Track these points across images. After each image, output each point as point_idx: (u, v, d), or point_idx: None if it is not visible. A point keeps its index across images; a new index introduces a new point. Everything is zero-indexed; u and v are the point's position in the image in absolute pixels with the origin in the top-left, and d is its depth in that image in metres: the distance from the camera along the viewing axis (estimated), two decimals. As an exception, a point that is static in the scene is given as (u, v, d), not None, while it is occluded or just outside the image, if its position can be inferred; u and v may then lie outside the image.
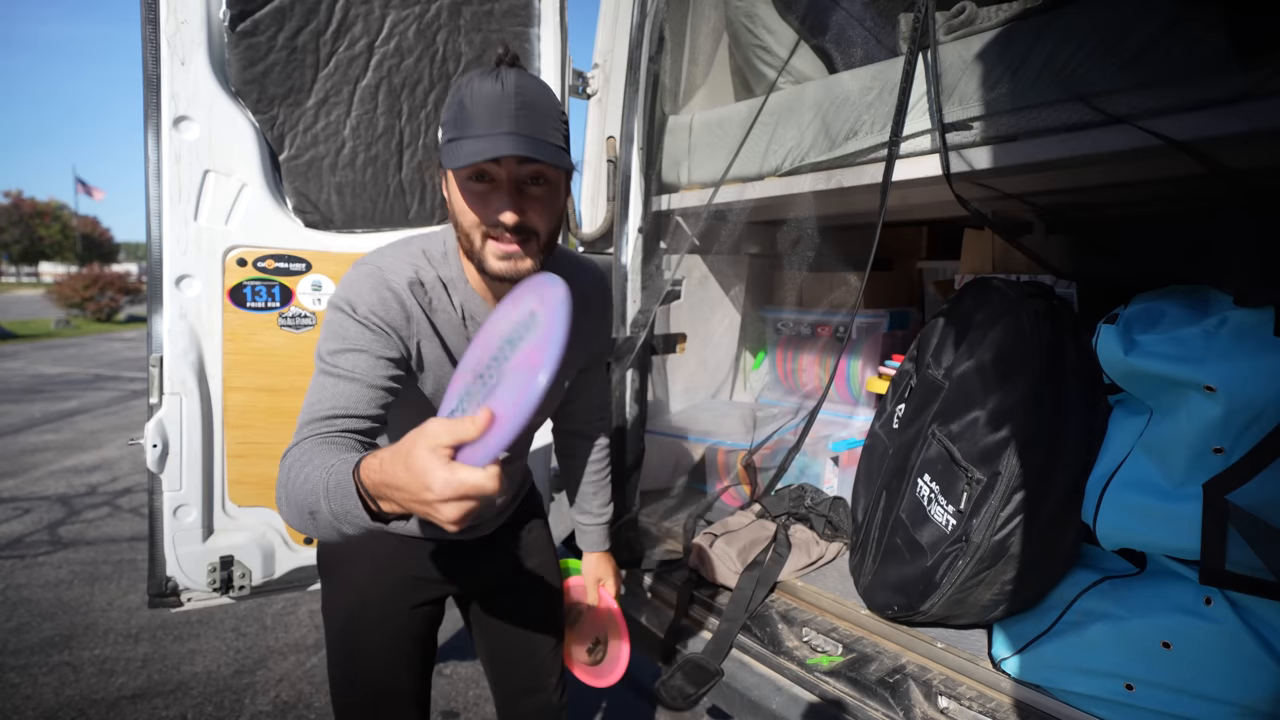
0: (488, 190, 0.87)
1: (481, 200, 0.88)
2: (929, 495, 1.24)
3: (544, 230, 0.91)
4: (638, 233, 1.77)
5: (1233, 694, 0.92)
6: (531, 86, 0.86)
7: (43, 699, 2.24)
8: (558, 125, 0.88)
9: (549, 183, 0.89)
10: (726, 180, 1.66)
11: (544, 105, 0.87)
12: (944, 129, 1.20)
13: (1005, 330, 1.20)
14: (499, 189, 0.87)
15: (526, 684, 1.30)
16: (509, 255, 0.89)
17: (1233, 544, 0.91)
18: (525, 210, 0.88)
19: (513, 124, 0.83)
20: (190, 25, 1.41)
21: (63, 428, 5.94)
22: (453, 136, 0.86)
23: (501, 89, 0.84)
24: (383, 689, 1.17)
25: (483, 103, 0.84)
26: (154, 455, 1.46)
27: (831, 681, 1.17)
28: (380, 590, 1.15)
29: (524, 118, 0.84)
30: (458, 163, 0.84)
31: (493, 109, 0.83)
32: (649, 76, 1.73)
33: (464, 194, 0.88)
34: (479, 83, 0.85)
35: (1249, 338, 0.93)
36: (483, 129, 0.83)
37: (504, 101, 0.83)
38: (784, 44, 1.66)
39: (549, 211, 0.91)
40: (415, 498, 0.65)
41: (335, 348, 0.89)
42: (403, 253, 0.98)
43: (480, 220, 0.88)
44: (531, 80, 0.87)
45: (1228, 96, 0.92)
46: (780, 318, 2.17)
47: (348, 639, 1.16)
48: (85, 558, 3.36)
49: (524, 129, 0.83)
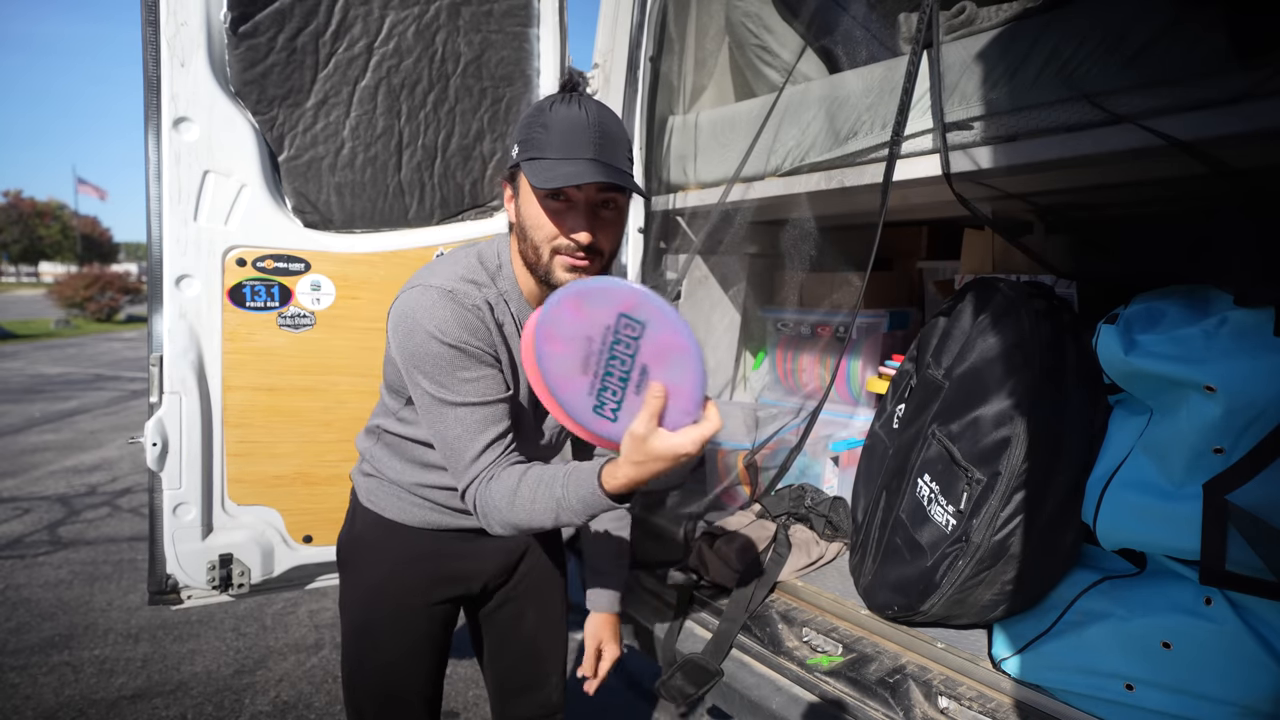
0: (564, 209, 0.93)
1: (558, 218, 0.93)
2: (929, 495, 1.24)
3: (609, 251, 0.98)
4: (638, 232, 1.77)
5: (1233, 694, 0.92)
6: (608, 117, 0.94)
7: (43, 699, 2.24)
8: (628, 154, 0.96)
9: (618, 208, 0.97)
10: (734, 180, 1.66)
11: (618, 135, 0.94)
12: (944, 129, 1.20)
13: (1005, 330, 1.20)
14: (575, 209, 0.93)
15: (525, 682, 1.30)
16: (575, 268, 0.95)
17: (1233, 544, 0.90)
18: (596, 231, 0.94)
19: (596, 151, 0.90)
20: (190, 27, 1.41)
21: (63, 428, 5.94)
22: (533, 155, 0.92)
23: (585, 117, 0.91)
24: (394, 684, 1.18)
25: (565, 127, 0.90)
26: (154, 454, 1.46)
27: (831, 681, 1.17)
28: (396, 586, 1.17)
29: (604, 146, 0.90)
30: (547, 183, 0.89)
31: (575, 134, 0.90)
32: (649, 76, 1.73)
33: (543, 210, 0.94)
34: (562, 108, 0.92)
35: (1249, 337, 0.93)
36: (565, 152, 0.90)
37: (586, 129, 0.90)
38: (785, 44, 1.66)
39: (616, 234, 0.99)
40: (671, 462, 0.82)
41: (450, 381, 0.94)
42: (458, 270, 1.00)
43: (555, 236, 0.94)
44: (608, 111, 0.95)
45: (1228, 96, 0.92)
46: (780, 318, 2.17)
47: (363, 633, 1.18)
48: (85, 558, 3.36)
49: (604, 156, 0.90)
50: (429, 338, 0.93)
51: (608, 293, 0.80)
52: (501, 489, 0.93)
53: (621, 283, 0.80)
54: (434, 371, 0.94)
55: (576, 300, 0.81)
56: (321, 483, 1.63)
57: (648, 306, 0.79)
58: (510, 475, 0.94)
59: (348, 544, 1.22)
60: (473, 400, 0.95)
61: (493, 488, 0.94)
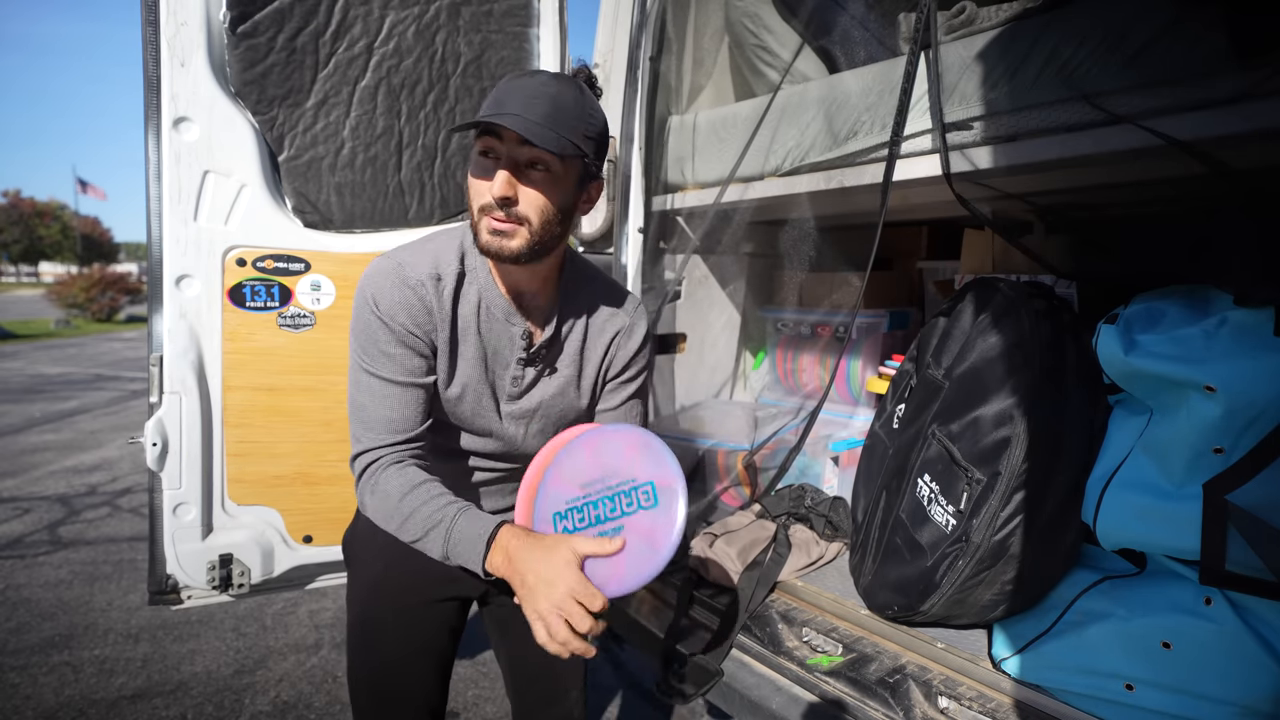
0: (490, 165, 0.90)
1: (481, 172, 0.91)
2: (929, 495, 1.24)
3: (535, 219, 0.91)
4: (638, 232, 1.77)
5: (1233, 694, 0.92)
6: (566, 86, 0.90)
7: (43, 699, 2.24)
8: (577, 125, 0.90)
9: (549, 171, 0.91)
10: (730, 180, 1.66)
11: (567, 104, 0.89)
12: (944, 129, 1.20)
13: (1005, 330, 1.20)
14: (500, 164, 0.89)
15: (546, 696, 1.27)
16: (497, 232, 0.91)
17: (1233, 544, 0.90)
18: (518, 195, 0.90)
19: (522, 107, 0.86)
20: (190, 27, 1.42)
21: (63, 428, 5.94)
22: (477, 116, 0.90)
23: (533, 80, 0.89)
24: (393, 682, 1.17)
25: (511, 89, 0.89)
26: (154, 454, 1.46)
27: (831, 681, 1.17)
28: (393, 584, 1.16)
29: (537, 105, 0.87)
30: (460, 126, 0.88)
31: (516, 94, 0.88)
32: (649, 76, 1.73)
33: (472, 170, 0.92)
34: (518, 76, 0.91)
35: (1249, 338, 0.93)
36: (500, 108, 0.87)
37: (524, 88, 0.88)
38: (785, 44, 1.66)
39: (544, 199, 0.91)
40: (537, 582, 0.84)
41: (371, 350, 0.96)
42: (429, 245, 1.01)
43: (481, 194, 0.91)
44: (571, 84, 0.91)
45: (1228, 96, 0.92)
46: (780, 318, 2.17)
47: (363, 629, 1.17)
48: (85, 558, 3.36)
49: (532, 114, 0.86)
50: (365, 304, 0.96)
51: (659, 459, 0.87)
52: (399, 482, 0.94)
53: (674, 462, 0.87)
54: (361, 337, 0.97)
55: (638, 443, 0.89)
56: (321, 483, 1.63)
57: (674, 495, 0.85)
58: (415, 474, 0.96)
59: (349, 540, 1.22)
60: (386, 376, 0.96)
61: (391, 474, 0.95)
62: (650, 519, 0.85)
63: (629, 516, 0.86)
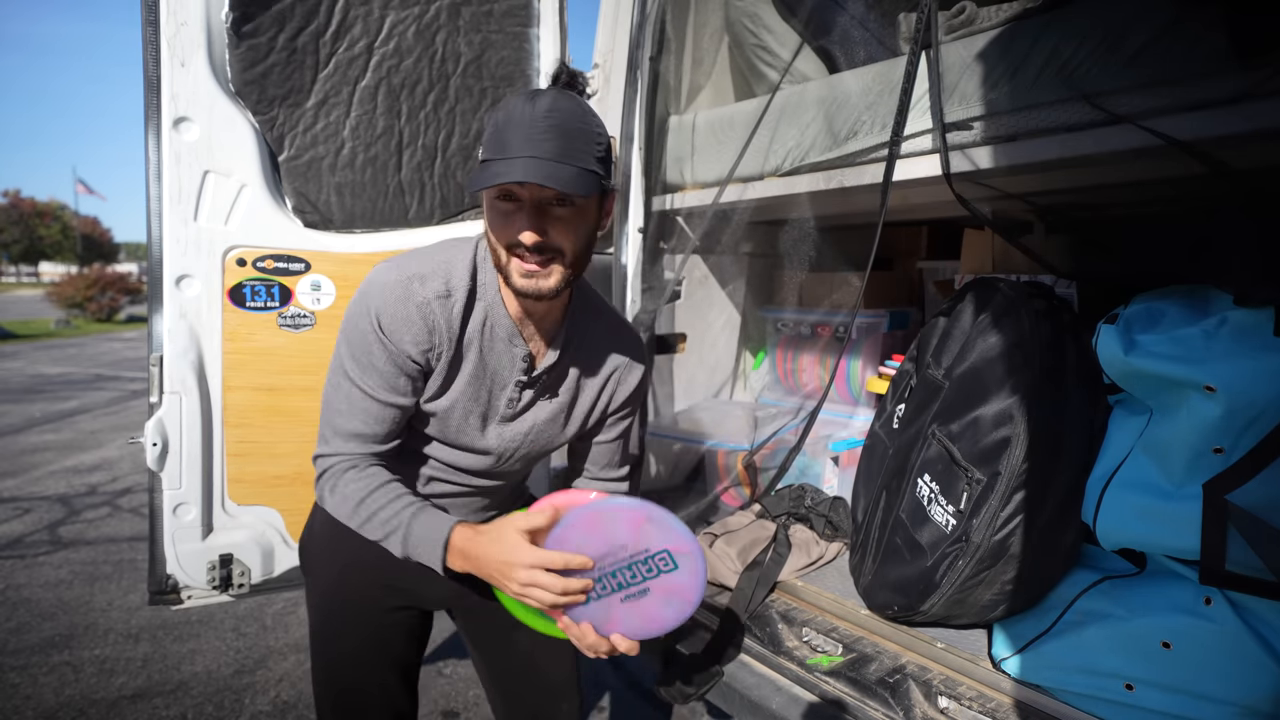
0: (513, 210, 0.88)
1: (505, 219, 0.89)
2: (929, 495, 1.24)
3: (569, 249, 0.91)
4: (638, 232, 1.77)
5: (1233, 694, 0.92)
6: (566, 108, 0.86)
7: (43, 699, 2.24)
8: (589, 147, 0.88)
9: (574, 205, 0.89)
10: (729, 180, 1.66)
11: (573, 128, 0.86)
12: (944, 129, 1.20)
13: (1005, 330, 1.20)
14: (523, 209, 0.87)
15: (535, 712, 1.23)
16: (530, 274, 0.90)
17: (1233, 544, 0.90)
18: (548, 230, 0.88)
19: (537, 148, 0.83)
20: (190, 27, 1.42)
21: (63, 428, 5.94)
22: (486, 158, 0.88)
23: (533, 110, 0.85)
24: (353, 690, 1.15)
25: (513, 125, 0.85)
26: (154, 454, 1.46)
27: (831, 681, 1.17)
28: (350, 592, 1.13)
29: (550, 141, 0.84)
30: (474, 185, 0.86)
31: (522, 131, 0.84)
32: (649, 76, 1.73)
33: (492, 213, 0.90)
34: (514, 104, 0.87)
35: (1249, 338, 0.93)
36: (508, 150, 0.84)
37: (534, 124, 0.84)
38: (785, 44, 1.66)
39: (574, 231, 0.91)
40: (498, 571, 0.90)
41: (361, 360, 0.95)
42: (440, 256, 0.99)
43: (507, 237, 0.89)
44: (569, 101, 0.88)
45: (1228, 96, 0.92)
46: (780, 318, 2.17)
47: (321, 637, 1.15)
48: (85, 558, 3.36)
49: (549, 153, 0.84)
50: (365, 315, 0.94)
51: (668, 529, 0.90)
52: (358, 486, 0.96)
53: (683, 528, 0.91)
54: (353, 344, 0.95)
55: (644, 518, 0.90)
56: (321, 483, 1.63)
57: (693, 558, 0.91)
58: (375, 475, 0.98)
59: (304, 545, 1.18)
60: (367, 389, 0.96)
61: (350, 477, 0.97)
62: (675, 580, 0.91)
63: (652, 580, 0.92)
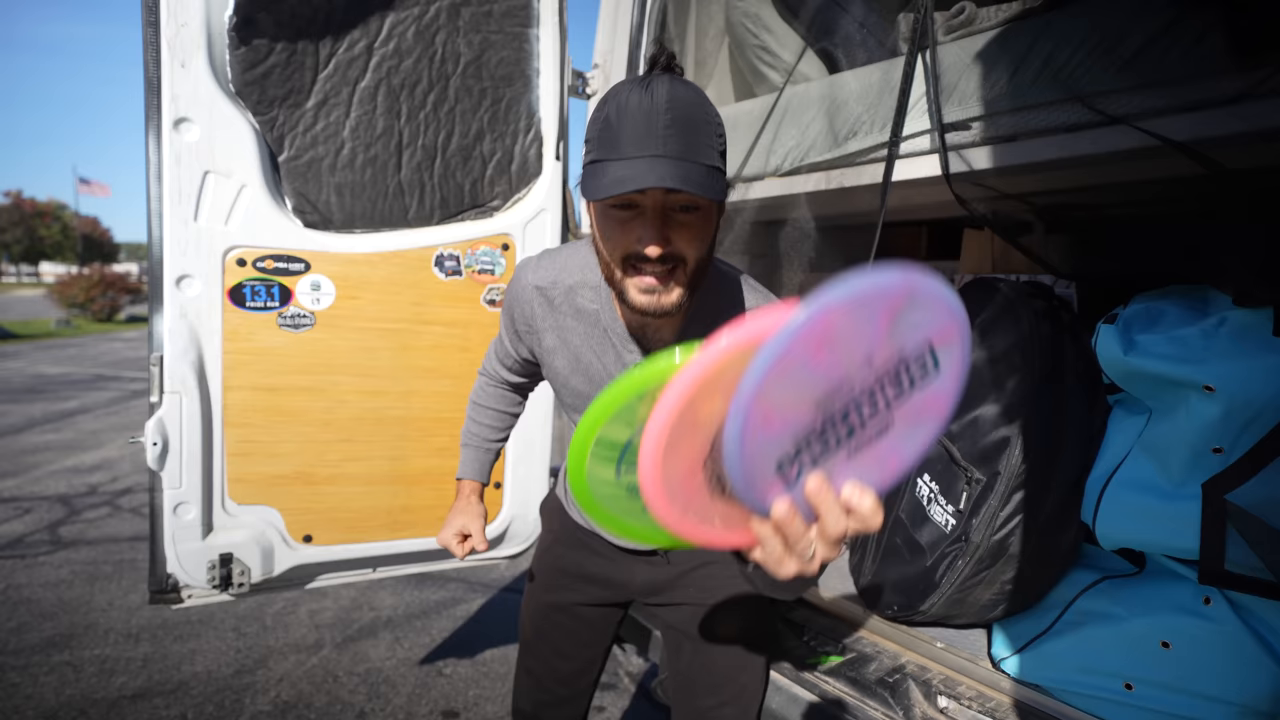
0: (631, 218, 0.78)
1: (623, 228, 0.79)
2: (929, 495, 1.24)
3: (693, 257, 0.80)
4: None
5: (1232, 693, 0.92)
6: (685, 98, 0.76)
7: (43, 699, 2.25)
8: (712, 141, 0.77)
9: (700, 209, 0.78)
10: (733, 181, 1.66)
11: (697, 120, 0.76)
12: (944, 129, 1.20)
13: (1005, 330, 1.20)
14: (644, 216, 0.77)
15: None
16: (650, 289, 0.79)
17: (1232, 544, 0.91)
18: (672, 239, 0.78)
19: (661, 145, 0.73)
20: (190, 28, 1.42)
21: (63, 428, 5.95)
22: (596, 158, 0.78)
23: (651, 102, 0.74)
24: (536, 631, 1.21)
25: (629, 120, 0.75)
26: (154, 453, 1.46)
27: (831, 681, 1.17)
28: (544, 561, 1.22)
29: (674, 138, 0.74)
30: (595, 194, 0.76)
31: (640, 128, 0.74)
32: (649, 77, 1.73)
33: (605, 221, 0.80)
34: (627, 94, 0.76)
35: (1248, 338, 0.93)
36: (628, 151, 0.75)
37: (653, 119, 0.74)
38: (785, 45, 1.66)
39: (699, 238, 0.80)
40: None
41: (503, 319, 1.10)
42: (561, 255, 1.01)
43: (623, 248, 0.80)
44: (685, 89, 0.77)
45: (1227, 96, 0.92)
46: (780, 318, 2.17)
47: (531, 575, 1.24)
48: (85, 557, 3.36)
49: (674, 151, 0.74)
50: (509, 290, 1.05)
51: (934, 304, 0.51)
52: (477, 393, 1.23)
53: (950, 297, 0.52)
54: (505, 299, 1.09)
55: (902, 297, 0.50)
56: (321, 482, 1.63)
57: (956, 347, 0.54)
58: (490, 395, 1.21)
59: (542, 505, 1.30)
60: (502, 333, 1.12)
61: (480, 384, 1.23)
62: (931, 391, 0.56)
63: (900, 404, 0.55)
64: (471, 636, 2.63)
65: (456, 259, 1.69)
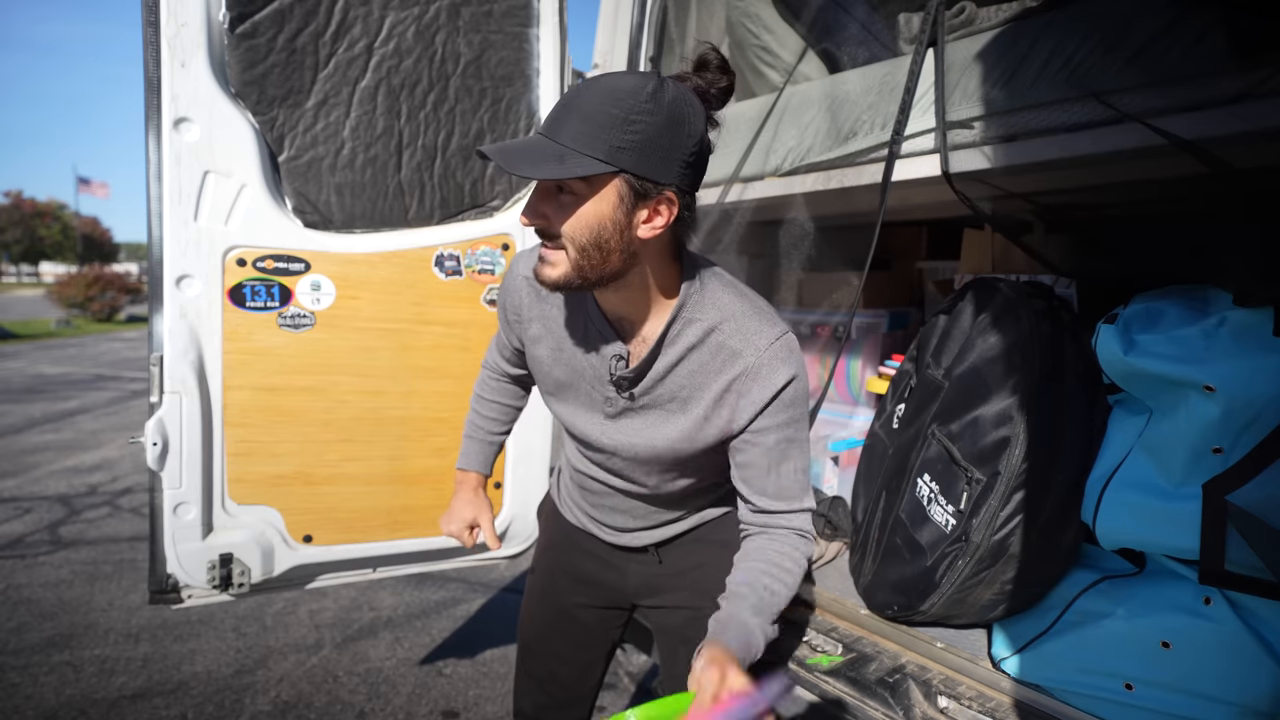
0: None
1: None
2: (929, 495, 1.24)
3: (570, 245, 0.83)
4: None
5: (1232, 693, 0.92)
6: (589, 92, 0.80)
7: (43, 698, 2.24)
8: (600, 134, 0.78)
9: (574, 194, 0.81)
10: (732, 180, 1.66)
11: (586, 109, 0.79)
12: (945, 128, 1.20)
13: (1005, 330, 1.20)
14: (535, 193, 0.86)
15: None
16: (541, 259, 0.87)
17: (1232, 544, 0.91)
18: (548, 215, 0.83)
19: (549, 124, 0.82)
20: (190, 28, 1.42)
21: (63, 428, 5.95)
22: None
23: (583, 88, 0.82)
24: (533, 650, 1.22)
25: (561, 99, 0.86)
26: (154, 453, 1.46)
27: (831, 681, 1.17)
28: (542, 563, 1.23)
29: (551, 122, 0.82)
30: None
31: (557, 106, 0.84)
32: (649, 76, 1.73)
33: None
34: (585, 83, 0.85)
35: (1248, 338, 0.93)
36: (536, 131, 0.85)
37: (568, 99, 0.82)
38: (785, 44, 1.66)
39: (575, 220, 0.82)
40: None
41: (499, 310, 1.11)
42: None
43: None
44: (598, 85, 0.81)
45: (1228, 96, 0.92)
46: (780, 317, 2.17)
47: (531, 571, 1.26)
48: (85, 557, 3.36)
49: (546, 129, 0.82)
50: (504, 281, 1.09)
51: None
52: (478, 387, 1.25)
53: None
54: None
55: None
56: (321, 482, 1.63)
57: None
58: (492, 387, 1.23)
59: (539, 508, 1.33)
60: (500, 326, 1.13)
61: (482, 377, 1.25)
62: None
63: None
64: (471, 636, 2.63)
65: (456, 259, 1.69)
